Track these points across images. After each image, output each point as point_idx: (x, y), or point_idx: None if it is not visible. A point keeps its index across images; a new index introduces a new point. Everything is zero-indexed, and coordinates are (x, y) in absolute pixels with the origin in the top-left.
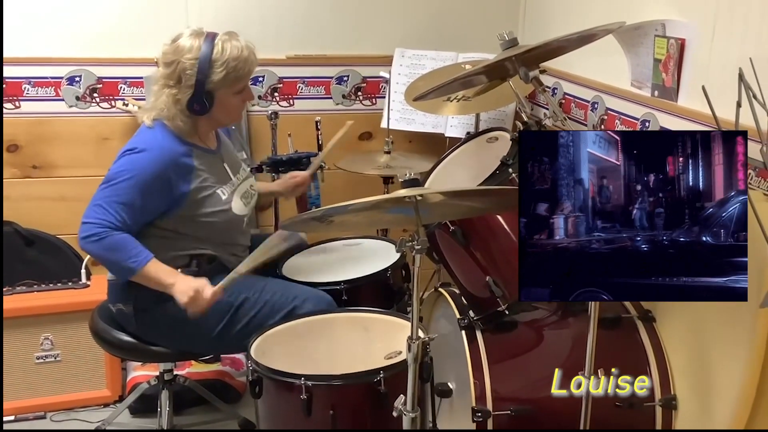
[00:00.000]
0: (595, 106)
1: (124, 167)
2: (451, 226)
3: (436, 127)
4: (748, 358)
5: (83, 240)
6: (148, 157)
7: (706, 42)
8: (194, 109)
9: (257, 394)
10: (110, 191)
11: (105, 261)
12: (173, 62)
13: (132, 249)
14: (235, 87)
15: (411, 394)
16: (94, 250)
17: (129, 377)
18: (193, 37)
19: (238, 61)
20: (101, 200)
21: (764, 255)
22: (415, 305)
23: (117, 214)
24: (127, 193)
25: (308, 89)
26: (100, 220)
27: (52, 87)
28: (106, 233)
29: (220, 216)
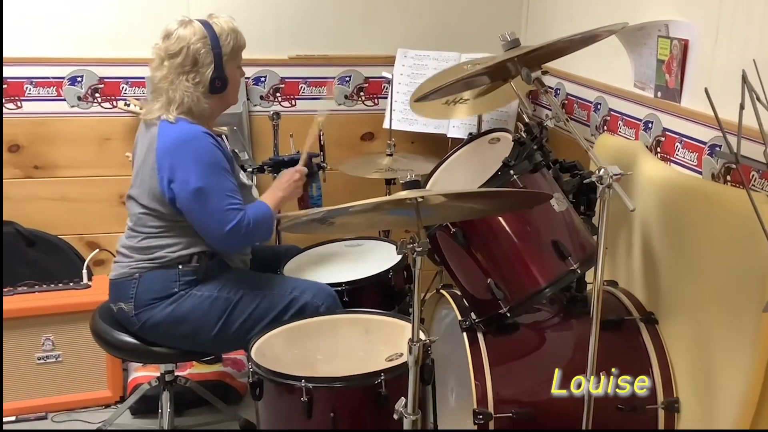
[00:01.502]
0: (598, 106)
1: (197, 168)
2: (453, 227)
3: (438, 128)
4: (751, 362)
5: (237, 247)
6: (203, 145)
7: (709, 43)
8: (216, 87)
9: (258, 396)
10: (213, 194)
11: (258, 239)
12: (181, 49)
13: (260, 213)
14: (238, 58)
15: (412, 396)
16: (246, 244)
17: (130, 378)
18: (186, 25)
19: (236, 32)
20: (218, 208)
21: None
22: (416, 307)
23: (235, 204)
24: (222, 182)
25: (310, 89)
26: (235, 222)
27: (53, 87)
28: (245, 223)
29: (246, 198)
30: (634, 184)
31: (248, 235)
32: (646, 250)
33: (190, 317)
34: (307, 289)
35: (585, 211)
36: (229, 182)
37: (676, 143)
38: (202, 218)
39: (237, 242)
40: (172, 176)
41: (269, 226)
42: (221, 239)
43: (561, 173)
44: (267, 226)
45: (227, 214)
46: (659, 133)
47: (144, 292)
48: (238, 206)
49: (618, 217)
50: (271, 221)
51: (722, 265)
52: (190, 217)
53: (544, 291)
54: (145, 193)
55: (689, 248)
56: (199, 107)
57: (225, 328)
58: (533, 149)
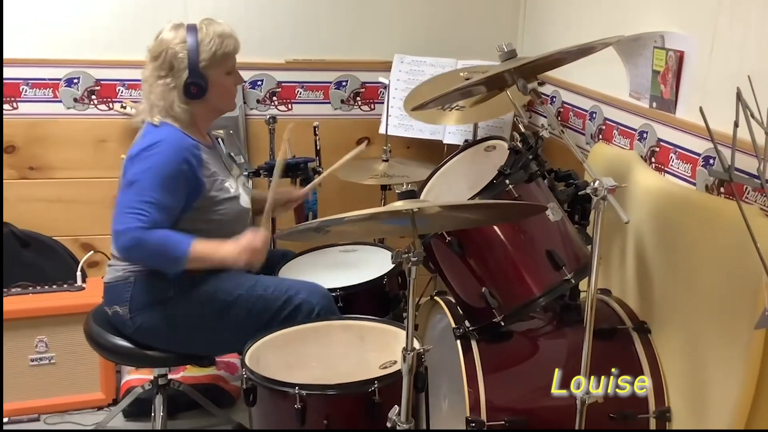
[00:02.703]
0: (594, 115)
1: (144, 167)
2: (448, 236)
3: (434, 134)
4: (742, 373)
5: (123, 251)
6: (165, 153)
7: (705, 55)
8: (191, 93)
9: (251, 402)
10: (135, 193)
11: (151, 262)
12: (161, 53)
13: (173, 239)
14: (225, 65)
15: (405, 405)
16: (137, 256)
17: (123, 380)
18: (175, 29)
19: (222, 37)
20: (128, 203)
21: (759, 273)
22: (410, 316)
23: (148, 213)
24: (153, 191)
25: (307, 94)
26: (133, 223)
27: (50, 88)
28: (143, 236)
29: (231, 207)
30: (628, 194)
31: (134, 251)
32: (639, 259)
33: (187, 320)
34: (302, 290)
35: (579, 221)
36: (159, 197)
37: (670, 154)
38: (115, 208)
39: (121, 249)
40: (129, 164)
41: (170, 262)
42: (114, 236)
43: (556, 182)
44: (165, 260)
45: (127, 216)
46: (654, 144)
47: (139, 296)
48: (145, 219)
49: (612, 227)
50: (177, 260)
51: (715, 277)
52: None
53: (538, 300)
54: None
55: (682, 259)
56: (175, 111)
57: (221, 330)
58: (529, 159)
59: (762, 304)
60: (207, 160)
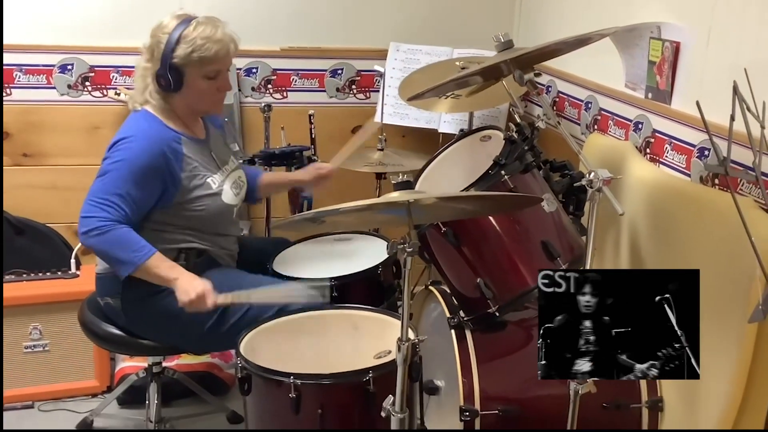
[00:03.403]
0: (589, 105)
1: (117, 158)
2: (443, 226)
3: (429, 123)
4: (735, 363)
5: (84, 235)
6: (139, 145)
7: (701, 46)
8: (161, 85)
9: (246, 391)
10: (106, 183)
11: (106, 256)
12: (152, 37)
13: (134, 243)
14: (203, 69)
15: (400, 395)
16: (95, 244)
17: (117, 368)
18: (175, 18)
19: (206, 41)
20: (98, 193)
21: (753, 266)
22: (405, 306)
23: (116, 206)
24: (124, 183)
25: (302, 82)
26: (100, 214)
27: (43, 75)
28: (107, 227)
29: (210, 204)
30: (623, 185)
31: (93, 241)
32: (633, 250)
33: (180, 316)
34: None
35: (574, 211)
36: (131, 190)
37: (665, 145)
38: (88, 193)
39: (82, 235)
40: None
41: (120, 264)
42: (79, 220)
43: (551, 173)
44: (116, 260)
45: (95, 206)
46: (649, 134)
47: (132, 288)
48: (112, 212)
49: (607, 218)
50: (127, 264)
51: (709, 268)
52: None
53: (533, 291)
54: None
55: (676, 250)
56: (147, 97)
57: (215, 329)
58: (524, 149)
59: (755, 298)
60: (189, 154)
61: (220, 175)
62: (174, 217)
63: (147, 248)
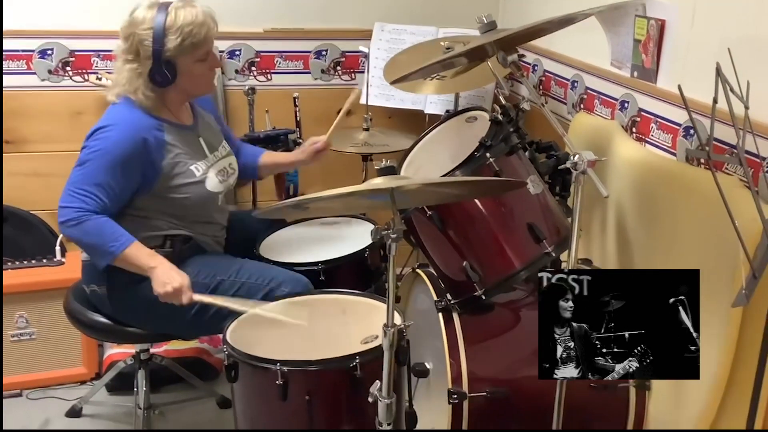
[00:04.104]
0: (575, 84)
1: (95, 147)
2: (428, 210)
3: (415, 104)
4: (721, 343)
5: (62, 225)
6: (118, 134)
7: (686, 23)
8: (157, 81)
9: (233, 378)
10: (84, 173)
11: (84, 245)
12: (130, 35)
13: (112, 233)
14: (196, 54)
15: (387, 380)
16: (73, 234)
17: (105, 355)
18: (148, 9)
19: (192, 26)
20: (76, 183)
21: (736, 252)
22: (390, 291)
23: (94, 197)
24: (102, 173)
25: (286, 64)
26: (78, 204)
27: (23, 60)
28: (85, 217)
29: (193, 192)
30: (609, 165)
31: (72, 231)
32: (620, 230)
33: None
34: (285, 281)
35: (560, 192)
36: (110, 179)
37: (651, 124)
38: (66, 182)
39: (61, 224)
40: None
41: (98, 255)
42: (57, 210)
43: (537, 154)
44: (94, 250)
45: (74, 196)
46: (635, 114)
47: (117, 275)
48: (90, 202)
49: (593, 198)
50: (105, 255)
51: (694, 249)
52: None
53: (519, 274)
54: None
55: (662, 229)
56: (138, 97)
57: (201, 314)
58: (509, 131)
59: (740, 281)
60: (171, 141)
61: (204, 163)
62: (158, 203)
63: (124, 237)
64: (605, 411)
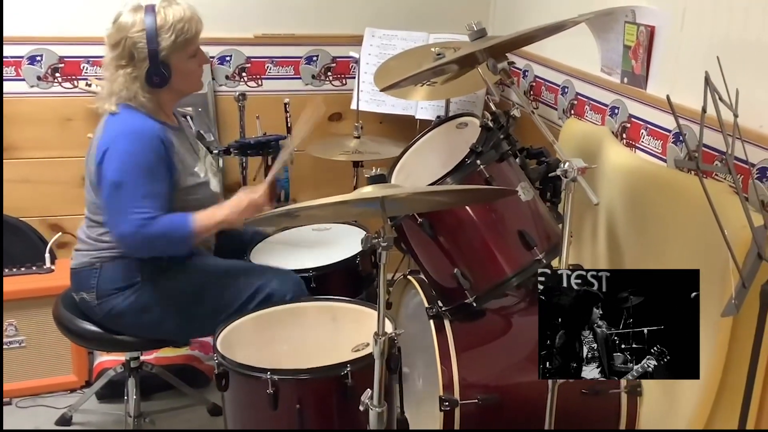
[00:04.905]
0: (566, 90)
1: (122, 164)
2: (419, 217)
3: (406, 110)
4: (712, 348)
5: (134, 252)
6: (137, 143)
7: (675, 30)
8: (154, 82)
9: (223, 387)
10: (126, 193)
11: (162, 252)
12: (120, 41)
13: (173, 223)
14: (188, 50)
15: (378, 388)
16: (146, 253)
17: (96, 362)
18: (133, 12)
19: (183, 22)
20: (124, 206)
21: (726, 258)
22: (381, 300)
23: (147, 210)
24: (141, 185)
25: (277, 69)
26: (136, 225)
27: (12, 67)
28: (146, 233)
29: (203, 193)
30: (599, 171)
31: (146, 246)
32: (611, 236)
33: (155, 306)
34: (274, 278)
35: (551, 198)
36: (148, 187)
37: (641, 130)
38: (108, 212)
39: (133, 248)
40: (101, 163)
41: (180, 244)
42: (119, 239)
43: (528, 160)
44: (175, 244)
45: (127, 218)
46: (625, 119)
47: (106, 282)
48: (146, 213)
49: (584, 204)
50: (185, 240)
51: (685, 255)
52: (102, 210)
53: (510, 281)
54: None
55: (653, 236)
56: (138, 101)
57: (190, 317)
58: (500, 138)
59: (730, 287)
60: (174, 143)
61: (200, 164)
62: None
63: (185, 218)
64: (597, 417)
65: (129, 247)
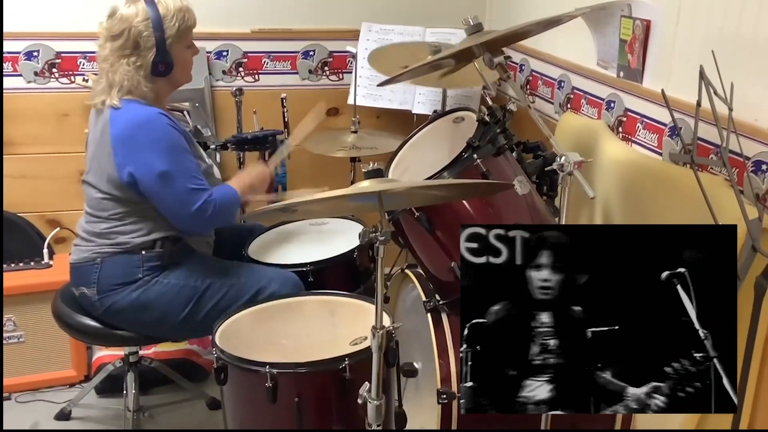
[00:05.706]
0: (562, 84)
1: (157, 153)
2: (416, 211)
3: (403, 104)
4: None
5: (210, 225)
6: (157, 129)
7: (671, 24)
8: (159, 70)
9: (222, 380)
10: (177, 177)
11: (223, 222)
12: (123, 31)
13: (225, 193)
14: (187, 39)
15: (376, 382)
16: (221, 221)
17: (94, 357)
18: (132, 4)
19: (182, 11)
20: (182, 190)
21: None
22: (379, 293)
23: (201, 182)
24: (184, 162)
25: (274, 64)
26: (203, 199)
27: (9, 62)
28: (214, 202)
29: (212, 184)
30: (595, 165)
31: (214, 216)
32: None
33: (156, 304)
34: (274, 279)
35: (548, 192)
36: (192, 162)
37: (637, 124)
38: (168, 201)
39: (203, 223)
40: (131, 162)
41: (234, 210)
42: (188, 220)
43: (524, 154)
44: (232, 210)
45: (193, 194)
46: (621, 113)
47: (107, 277)
48: (203, 186)
49: (580, 198)
50: (237, 205)
51: None
52: (157, 201)
53: None
54: (104, 180)
55: None
56: (140, 91)
57: (191, 316)
58: (497, 132)
59: None
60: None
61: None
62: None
63: (227, 186)
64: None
65: (198, 225)
